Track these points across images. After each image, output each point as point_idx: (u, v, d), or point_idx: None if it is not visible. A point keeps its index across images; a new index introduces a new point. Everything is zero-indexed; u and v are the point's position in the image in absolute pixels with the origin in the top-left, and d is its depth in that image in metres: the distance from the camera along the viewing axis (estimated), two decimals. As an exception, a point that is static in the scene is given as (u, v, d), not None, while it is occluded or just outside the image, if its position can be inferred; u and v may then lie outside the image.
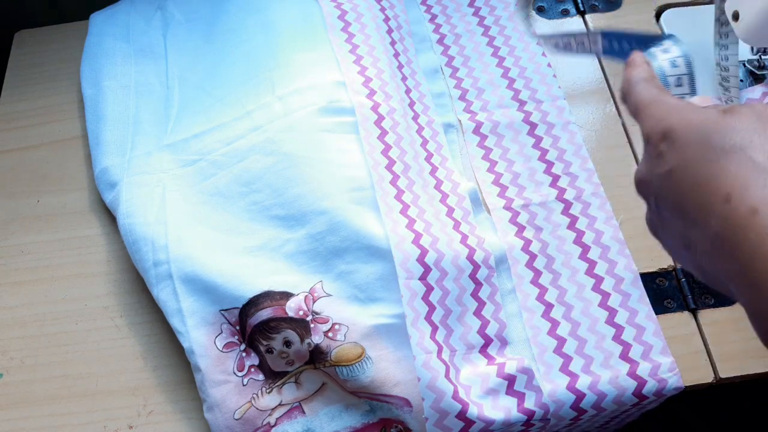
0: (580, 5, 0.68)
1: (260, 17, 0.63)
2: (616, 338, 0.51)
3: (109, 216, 0.60)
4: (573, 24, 0.66)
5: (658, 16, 0.67)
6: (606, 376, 0.49)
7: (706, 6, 0.67)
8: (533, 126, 0.60)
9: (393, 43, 0.62)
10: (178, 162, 0.58)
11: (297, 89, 0.57)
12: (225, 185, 0.56)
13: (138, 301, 0.56)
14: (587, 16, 0.67)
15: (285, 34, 0.61)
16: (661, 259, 0.55)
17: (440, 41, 0.65)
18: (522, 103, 0.61)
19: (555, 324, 0.51)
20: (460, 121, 0.61)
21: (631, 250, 0.54)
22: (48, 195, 0.62)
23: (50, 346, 0.55)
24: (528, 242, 0.55)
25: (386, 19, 0.63)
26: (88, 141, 0.62)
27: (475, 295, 0.51)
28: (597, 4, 0.68)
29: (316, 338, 0.48)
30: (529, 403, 0.48)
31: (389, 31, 0.63)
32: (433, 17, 0.67)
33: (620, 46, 0.49)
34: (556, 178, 0.57)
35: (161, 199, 0.56)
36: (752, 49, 0.61)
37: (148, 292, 0.54)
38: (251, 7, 0.64)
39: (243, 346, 0.50)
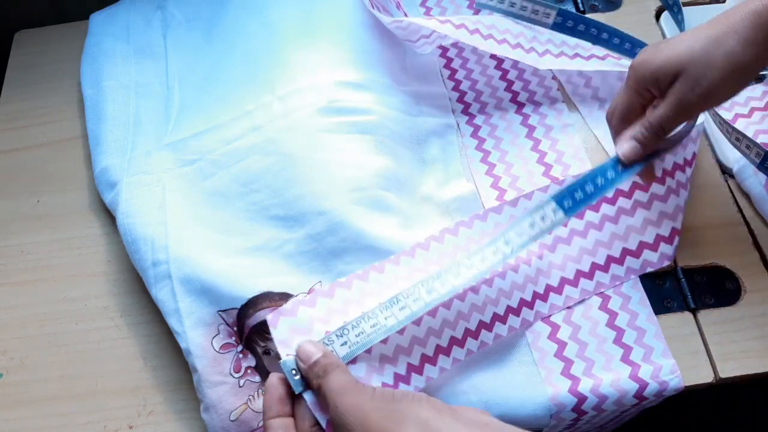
0: (580, 5, 0.68)
1: (260, 17, 0.63)
2: (617, 341, 0.51)
3: (109, 216, 0.60)
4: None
5: (657, 16, 0.67)
6: (608, 379, 0.49)
7: (706, 6, 0.67)
8: (531, 129, 0.60)
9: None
10: (177, 162, 0.58)
11: (297, 89, 0.57)
12: (224, 185, 0.56)
13: (138, 301, 0.56)
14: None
15: (285, 34, 0.61)
16: (661, 260, 0.55)
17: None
18: (520, 105, 0.61)
19: (555, 328, 0.51)
20: (458, 123, 0.61)
21: (630, 250, 0.54)
22: (48, 195, 0.62)
23: (50, 346, 0.55)
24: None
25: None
26: (88, 141, 0.62)
27: None
28: (597, 4, 0.68)
29: (315, 339, 0.48)
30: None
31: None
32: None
33: (575, 24, 0.56)
34: (554, 180, 0.57)
35: (161, 199, 0.56)
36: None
37: (147, 292, 0.54)
38: (251, 8, 0.64)
39: (240, 348, 0.50)
